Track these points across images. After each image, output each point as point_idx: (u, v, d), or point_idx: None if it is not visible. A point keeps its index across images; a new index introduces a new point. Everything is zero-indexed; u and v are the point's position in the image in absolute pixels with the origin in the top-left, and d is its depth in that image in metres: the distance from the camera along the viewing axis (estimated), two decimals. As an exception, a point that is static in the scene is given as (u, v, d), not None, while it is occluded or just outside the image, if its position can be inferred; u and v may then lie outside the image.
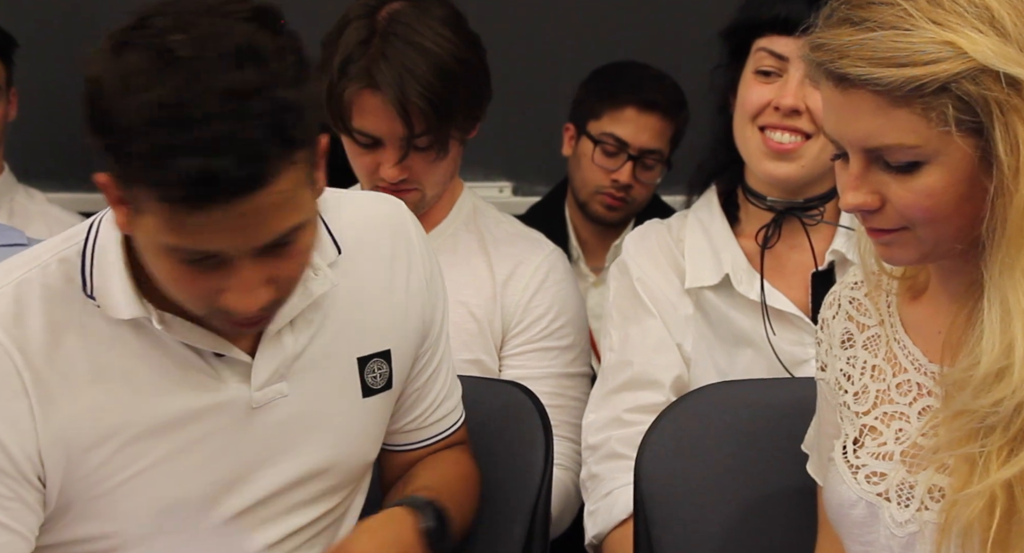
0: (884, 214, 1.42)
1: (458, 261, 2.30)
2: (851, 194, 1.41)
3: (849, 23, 1.37)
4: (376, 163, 2.21)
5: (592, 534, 2.14)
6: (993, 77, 1.33)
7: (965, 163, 1.36)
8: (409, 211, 1.79)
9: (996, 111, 1.33)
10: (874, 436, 1.54)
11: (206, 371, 1.59)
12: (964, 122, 1.34)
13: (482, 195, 2.48)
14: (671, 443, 1.91)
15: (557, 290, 2.30)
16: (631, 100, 2.85)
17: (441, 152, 2.20)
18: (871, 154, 1.39)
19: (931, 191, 1.38)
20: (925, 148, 1.36)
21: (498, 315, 2.27)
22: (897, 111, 1.35)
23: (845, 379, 1.59)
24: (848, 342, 1.60)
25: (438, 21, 2.16)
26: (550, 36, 3.49)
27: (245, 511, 1.63)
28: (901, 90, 1.34)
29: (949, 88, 1.33)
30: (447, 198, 2.33)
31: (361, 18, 2.17)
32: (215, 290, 1.47)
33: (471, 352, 2.26)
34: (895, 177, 1.39)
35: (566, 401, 2.28)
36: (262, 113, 1.37)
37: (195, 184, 1.36)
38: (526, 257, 2.30)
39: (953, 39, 1.33)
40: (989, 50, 1.32)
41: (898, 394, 1.54)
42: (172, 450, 1.58)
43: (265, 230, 1.42)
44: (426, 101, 2.12)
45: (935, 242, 1.43)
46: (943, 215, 1.39)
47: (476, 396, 1.93)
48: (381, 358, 1.70)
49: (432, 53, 2.13)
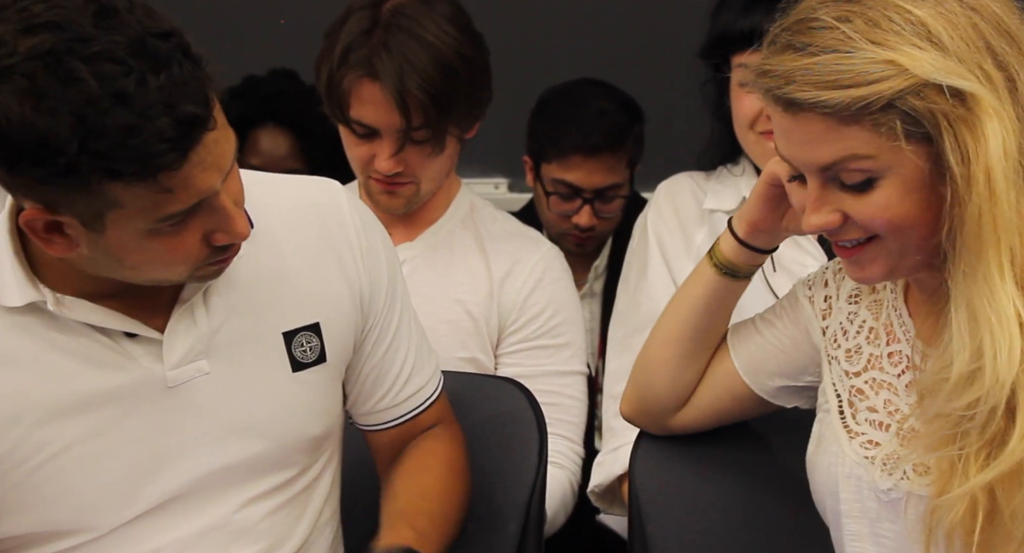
0: (849, 228, 1.45)
1: (455, 259, 2.30)
2: (813, 216, 1.45)
3: (792, 49, 1.40)
4: (371, 154, 2.20)
5: (594, 483, 2.24)
6: (937, 90, 1.36)
7: (919, 174, 1.39)
8: (347, 193, 1.79)
9: (944, 123, 1.36)
10: (861, 398, 1.58)
11: (115, 350, 1.59)
12: (913, 134, 1.37)
13: (478, 191, 2.48)
14: (666, 438, 1.91)
15: (554, 288, 2.30)
16: (574, 147, 2.74)
17: (438, 147, 2.19)
18: (826, 174, 1.43)
19: (888, 204, 1.41)
20: (878, 162, 1.39)
21: (494, 313, 2.27)
22: (847, 130, 1.38)
23: (842, 333, 1.63)
24: (855, 298, 1.64)
25: (443, 17, 2.16)
26: (546, 31, 3.48)
27: (185, 490, 1.63)
28: (849, 110, 1.37)
29: (895, 104, 1.36)
30: (444, 195, 2.33)
31: (365, 8, 2.17)
32: (201, 241, 1.50)
33: (467, 350, 2.26)
34: (852, 195, 1.42)
35: (562, 399, 2.28)
36: (167, 50, 1.39)
37: (176, 138, 1.38)
38: (523, 255, 2.30)
39: (894, 57, 1.36)
40: (929, 65, 1.36)
41: (889, 363, 1.58)
42: (85, 433, 1.58)
43: (226, 154, 1.47)
44: (425, 94, 2.11)
45: (901, 252, 1.46)
46: (905, 225, 1.42)
47: (471, 392, 1.93)
48: (309, 331, 1.70)
49: (434, 47, 2.13)
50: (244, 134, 2.96)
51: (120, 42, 1.38)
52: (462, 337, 2.26)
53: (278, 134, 2.97)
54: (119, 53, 1.37)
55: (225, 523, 1.66)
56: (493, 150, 3.09)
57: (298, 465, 1.72)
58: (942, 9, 1.38)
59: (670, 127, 2.91)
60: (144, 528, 1.62)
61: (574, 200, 2.78)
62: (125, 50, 1.37)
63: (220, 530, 1.66)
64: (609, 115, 2.77)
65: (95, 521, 1.60)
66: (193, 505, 1.65)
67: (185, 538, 1.64)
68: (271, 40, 3.41)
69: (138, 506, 1.62)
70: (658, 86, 2.92)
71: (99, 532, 1.61)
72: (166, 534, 1.64)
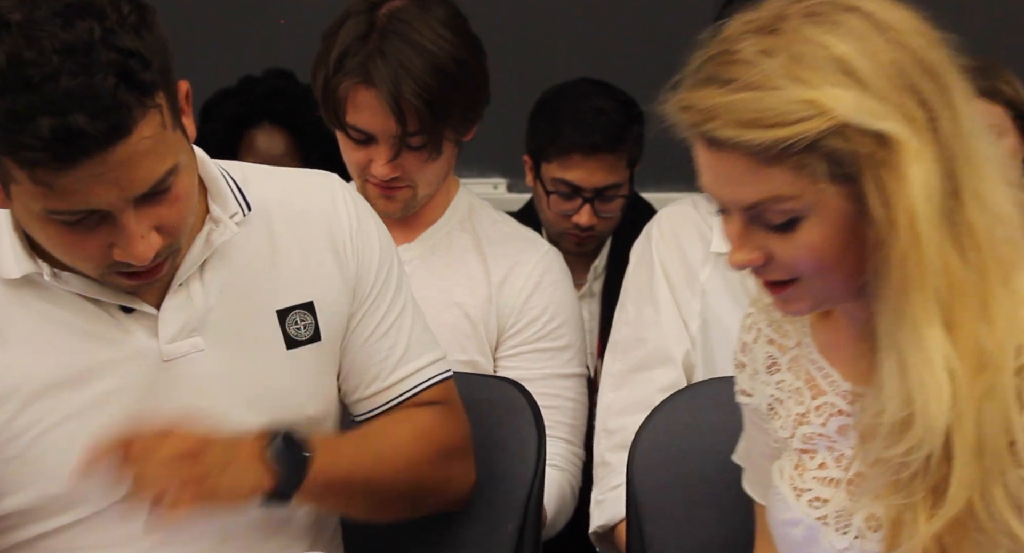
0: (773, 267, 1.41)
1: (453, 261, 2.29)
2: (736, 253, 1.41)
3: (716, 83, 1.35)
4: (368, 159, 2.20)
5: (597, 524, 2.17)
6: (859, 132, 1.32)
7: (842, 214, 1.35)
8: (343, 182, 1.80)
9: (865, 165, 1.32)
10: (811, 456, 1.54)
11: (111, 324, 1.60)
12: (837, 176, 1.33)
13: (477, 191, 2.47)
14: (664, 438, 1.91)
15: (553, 291, 2.29)
16: (573, 146, 2.74)
17: (434, 152, 2.18)
18: (750, 213, 1.39)
19: (812, 245, 1.37)
20: (801, 202, 1.35)
21: (493, 316, 2.26)
22: (769, 170, 1.34)
23: (779, 404, 1.59)
24: (773, 367, 1.60)
25: (439, 21, 2.15)
26: (545, 30, 3.48)
27: None
28: (771, 151, 1.33)
29: (817, 146, 1.32)
30: (442, 197, 2.32)
31: (361, 14, 2.16)
32: (104, 247, 1.49)
33: (465, 353, 2.25)
34: (776, 235, 1.38)
35: (562, 402, 2.27)
36: (107, 62, 1.39)
37: (55, 144, 1.38)
38: (522, 258, 2.28)
39: (815, 97, 1.32)
40: (852, 105, 1.31)
41: (816, 415, 1.54)
42: (81, 406, 1.59)
43: (138, 179, 1.45)
44: (421, 100, 2.11)
45: (826, 292, 1.43)
46: (829, 266, 1.39)
47: (469, 392, 1.92)
48: (303, 310, 1.71)
49: (430, 53, 2.12)
50: (240, 134, 2.97)
51: (61, 39, 1.39)
52: (460, 340, 2.25)
53: (274, 133, 2.97)
54: (48, 46, 1.38)
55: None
56: (492, 150, 3.09)
57: None
58: (865, 45, 1.34)
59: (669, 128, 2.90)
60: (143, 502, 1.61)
61: (574, 199, 2.77)
62: (58, 47, 1.38)
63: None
64: (609, 114, 2.77)
65: (91, 495, 1.60)
66: None
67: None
68: (269, 40, 3.41)
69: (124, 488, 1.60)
70: (658, 86, 2.92)
71: (96, 507, 1.61)
72: None
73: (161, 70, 1.46)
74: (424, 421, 1.79)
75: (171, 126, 1.48)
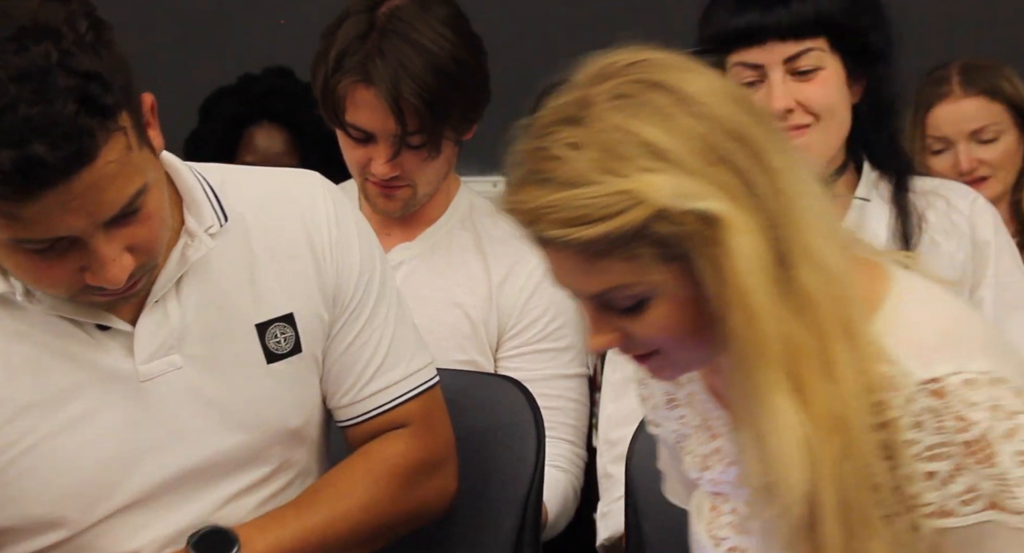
0: (632, 344, 1.40)
1: (453, 261, 2.28)
2: (595, 338, 1.40)
3: (535, 182, 1.34)
4: (368, 158, 2.19)
5: (604, 537, 2.16)
6: (681, 213, 1.29)
7: (685, 290, 1.33)
8: (324, 184, 1.76)
9: (693, 245, 1.30)
10: (723, 500, 1.53)
11: (87, 344, 1.58)
12: (668, 257, 1.32)
13: (476, 189, 2.46)
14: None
15: (554, 291, 2.24)
16: None
17: (434, 152, 2.18)
18: (597, 300, 1.37)
19: (663, 323, 1.36)
20: (642, 287, 1.34)
21: (494, 316, 2.25)
22: (603, 262, 1.33)
23: (685, 439, 1.58)
24: (672, 402, 1.59)
25: (439, 20, 2.14)
26: (545, 28, 3.48)
27: (163, 486, 1.62)
28: (599, 245, 1.31)
29: (643, 234, 1.30)
30: (443, 196, 2.31)
31: (361, 12, 2.15)
32: (76, 271, 1.46)
33: (465, 353, 2.24)
34: (627, 317, 1.37)
35: (564, 403, 2.26)
36: (66, 88, 1.35)
37: (15, 176, 1.34)
38: (522, 257, 2.26)
39: (630, 187, 1.29)
40: (667, 190, 1.29)
41: (716, 460, 1.53)
42: (58, 427, 1.57)
43: (106, 204, 1.42)
44: (420, 100, 2.10)
45: (688, 359, 1.42)
46: (683, 338, 1.37)
47: (468, 390, 1.92)
48: (283, 322, 1.67)
49: (430, 52, 2.11)
50: (239, 132, 2.97)
51: (16, 66, 1.35)
52: (460, 340, 2.24)
53: (273, 132, 2.97)
54: (7, 73, 1.34)
55: (206, 521, 1.64)
56: (491, 148, 3.08)
57: (277, 459, 1.70)
58: (672, 124, 1.31)
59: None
60: (124, 526, 1.61)
61: None
62: (13, 75, 1.34)
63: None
64: None
65: (72, 516, 1.59)
66: (173, 503, 1.63)
67: (166, 537, 1.63)
68: (268, 39, 3.41)
69: (116, 501, 1.61)
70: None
71: (77, 528, 1.60)
72: (147, 533, 1.62)
73: (123, 89, 1.41)
74: (385, 455, 1.76)
75: (137, 146, 1.44)
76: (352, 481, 1.74)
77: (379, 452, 1.76)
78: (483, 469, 1.88)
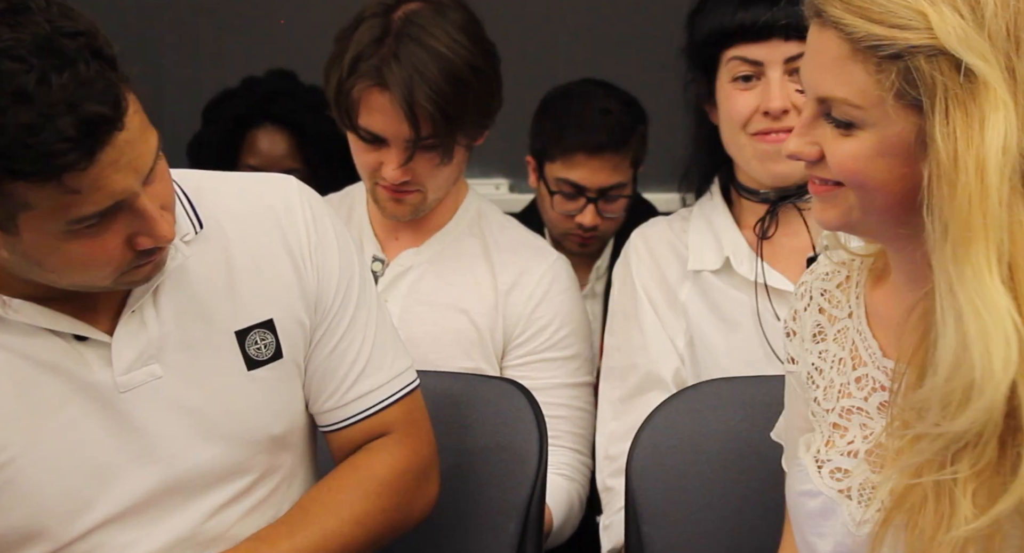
0: (821, 166, 1.42)
1: (461, 268, 2.28)
2: (794, 140, 1.43)
3: None
4: (379, 161, 2.19)
5: (607, 549, 2.16)
6: (949, 61, 1.30)
7: (899, 140, 1.35)
8: (300, 188, 1.76)
9: (940, 95, 1.31)
10: (841, 433, 1.53)
11: (67, 354, 1.58)
12: (905, 96, 1.33)
13: (479, 192, 2.47)
14: (663, 439, 1.91)
15: (561, 300, 2.28)
16: (578, 145, 2.73)
17: (446, 157, 2.17)
18: (821, 107, 1.40)
19: (858, 155, 1.37)
20: (864, 114, 1.36)
21: (500, 324, 2.25)
22: (853, 65, 1.35)
23: (817, 373, 1.58)
24: (819, 335, 1.59)
25: (454, 26, 2.14)
26: (547, 31, 3.48)
27: (147, 497, 1.61)
28: (861, 43, 1.34)
29: (903, 57, 1.32)
30: (451, 201, 2.31)
31: (376, 16, 2.15)
32: (124, 243, 1.48)
33: (471, 360, 2.23)
34: (833, 131, 1.39)
35: (571, 411, 2.26)
36: (76, 49, 1.38)
37: (82, 138, 1.37)
38: (530, 266, 2.27)
39: (926, 11, 1.31)
40: (956, 33, 1.30)
41: (856, 388, 1.53)
42: (39, 438, 1.57)
43: (144, 156, 1.45)
44: (434, 105, 2.09)
45: (863, 210, 1.41)
46: (870, 184, 1.38)
47: (471, 393, 1.92)
48: (263, 329, 1.68)
49: (445, 57, 2.11)
50: (242, 134, 2.97)
51: (24, 40, 1.36)
52: (466, 346, 2.24)
53: (276, 134, 2.96)
54: (21, 51, 1.36)
55: (194, 534, 1.64)
56: (494, 151, 3.08)
57: (261, 466, 1.69)
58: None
59: (672, 128, 2.91)
60: (110, 538, 1.61)
61: (578, 199, 2.77)
62: (28, 48, 1.36)
63: (190, 541, 1.65)
64: (613, 114, 2.77)
65: (55, 527, 1.59)
66: (158, 516, 1.63)
67: (154, 551, 1.62)
68: (271, 41, 3.41)
69: (98, 513, 1.60)
70: (660, 87, 2.92)
71: (61, 541, 1.59)
72: (135, 547, 1.62)
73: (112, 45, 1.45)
74: (373, 468, 1.76)
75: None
76: (341, 497, 1.73)
77: (367, 466, 1.76)
78: (485, 472, 1.88)
